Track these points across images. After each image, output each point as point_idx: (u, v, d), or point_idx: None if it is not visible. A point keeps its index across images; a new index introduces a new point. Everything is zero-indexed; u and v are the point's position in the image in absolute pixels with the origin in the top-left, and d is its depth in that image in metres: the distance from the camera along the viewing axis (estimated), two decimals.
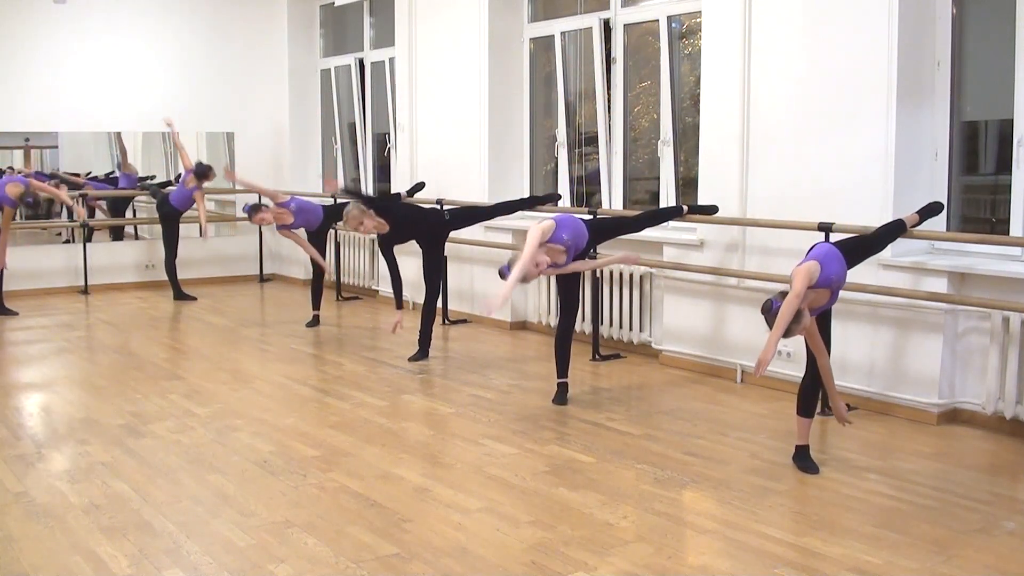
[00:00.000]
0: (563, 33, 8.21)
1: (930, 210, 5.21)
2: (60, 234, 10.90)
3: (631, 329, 7.31)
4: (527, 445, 5.07)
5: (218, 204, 12.26)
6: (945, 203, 5.55)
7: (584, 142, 8.19)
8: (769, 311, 4.41)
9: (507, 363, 7.11)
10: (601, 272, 7.23)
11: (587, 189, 8.19)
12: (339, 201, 8.69)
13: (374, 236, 7.90)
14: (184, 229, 10.16)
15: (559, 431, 5.34)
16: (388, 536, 3.86)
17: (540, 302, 8.15)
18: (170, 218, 9.94)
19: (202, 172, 9.79)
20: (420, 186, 8.83)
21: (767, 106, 6.14)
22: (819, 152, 5.84)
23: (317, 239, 8.59)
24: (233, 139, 11.56)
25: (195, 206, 9.84)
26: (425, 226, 7.10)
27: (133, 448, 5.03)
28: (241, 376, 6.73)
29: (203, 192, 9.88)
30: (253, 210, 8.17)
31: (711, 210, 6.35)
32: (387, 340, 7.98)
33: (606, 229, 6.30)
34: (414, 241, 7.26)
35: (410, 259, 8.41)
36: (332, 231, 9.24)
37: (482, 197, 8.33)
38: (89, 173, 11.04)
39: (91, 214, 10.64)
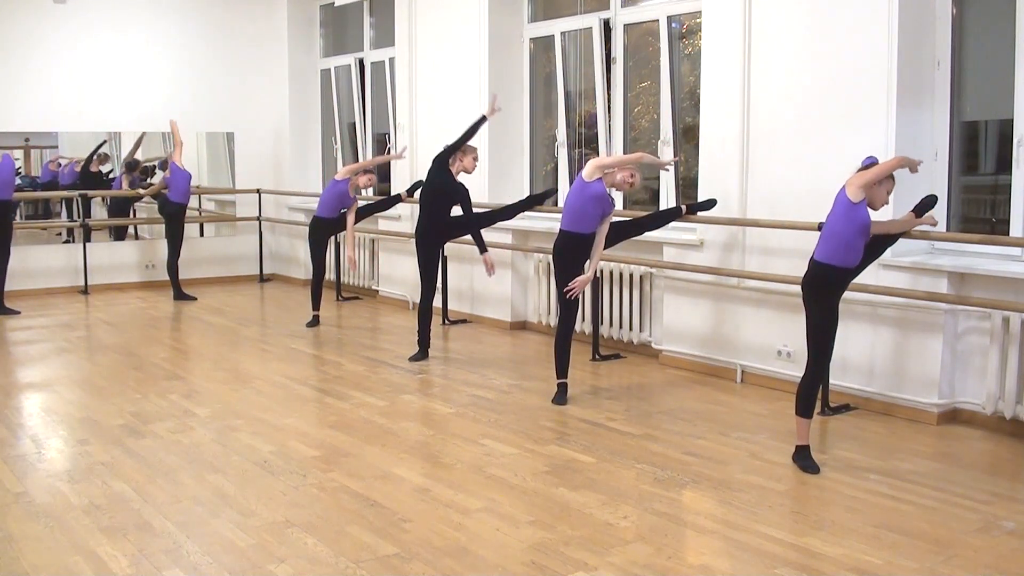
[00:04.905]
0: (563, 33, 8.21)
1: (925, 204, 5.15)
2: (60, 234, 10.91)
3: (631, 329, 7.31)
4: (527, 445, 5.07)
5: (218, 204, 12.27)
6: (945, 202, 5.56)
7: (584, 142, 8.19)
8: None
9: (507, 363, 7.11)
10: (601, 272, 7.23)
11: None
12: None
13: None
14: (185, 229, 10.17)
15: (559, 431, 5.34)
16: (388, 536, 3.86)
17: (540, 302, 8.15)
18: (176, 216, 9.93)
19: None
20: (420, 184, 8.81)
21: (767, 106, 6.14)
22: (819, 152, 5.84)
23: (326, 234, 8.61)
24: (233, 139, 11.56)
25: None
26: (441, 209, 7.09)
27: (133, 448, 5.03)
28: (241, 376, 6.73)
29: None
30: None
31: (709, 205, 6.34)
32: (387, 340, 7.99)
33: (607, 234, 6.29)
34: (412, 241, 7.25)
35: (409, 259, 8.42)
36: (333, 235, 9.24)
37: (482, 197, 8.33)
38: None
39: (87, 213, 10.61)
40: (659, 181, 7.45)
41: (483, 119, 7.06)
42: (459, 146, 6.96)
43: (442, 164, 6.97)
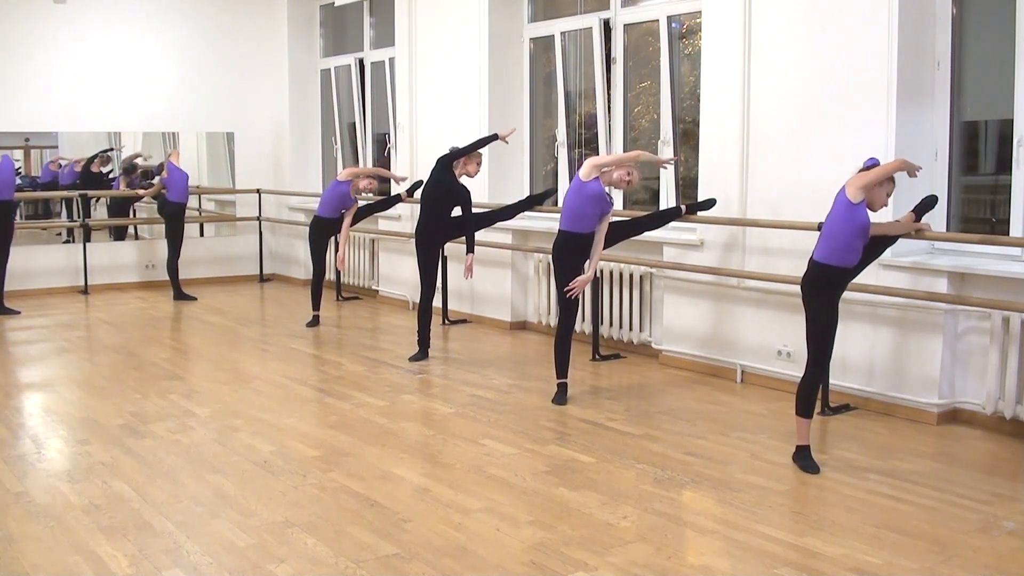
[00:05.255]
0: (563, 33, 8.21)
1: (925, 204, 5.14)
2: (60, 234, 10.91)
3: (631, 329, 7.31)
4: (527, 445, 5.07)
5: (218, 204, 12.27)
6: (945, 202, 5.56)
7: (584, 142, 8.19)
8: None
9: (507, 363, 7.11)
10: (601, 272, 7.23)
11: None
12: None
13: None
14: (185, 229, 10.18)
15: (559, 431, 5.34)
16: (388, 536, 3.86)
17: (540, 302, 8.15)
18: (175, 216, 9.92)
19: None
20: (419, 184, 8.80)
21: (767, 106, 6.14)
22: (819, 152, 5.84)
23: (326, 234, 8.62)
24: (233, 139, 11.57)
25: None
26: (442, 210, 7.09)
27: (133, 448, 5.03)
28: (241, 376, 6.73)
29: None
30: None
31: (709, 204, 6.34)
32: (387, 340, 7.99)
33: (606, 234, 6.29)
34: (412, 241, 7.25)
35: (409, 259, 8.41)
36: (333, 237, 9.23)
37: (482, 197, 8.33)
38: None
39: (87, 213, 10.61)
40: (659, 181, 7.45)
41: (495, 137, 7.11)
42: (466, 153, 6.99)
43: (446, 166, 6.98)
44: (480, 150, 7.08)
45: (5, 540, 3.82)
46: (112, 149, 11.05)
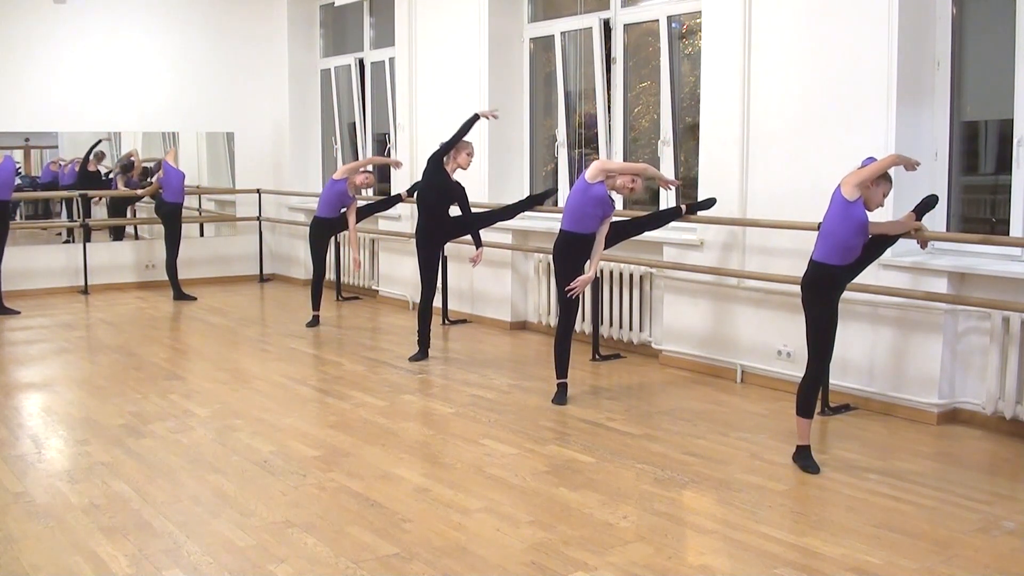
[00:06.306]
0: (563, 33, 8.21)
1: (926, 204, 5.13)
2: (60, 234, 10.91)
3: (631, 329, 7.31)
4: (527, 445, 5.07)
5: (218, 204, 12.27)
6: (945, 202, 5.56)
7: (584, 142, 8.20)
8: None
9: (507, 363, 7.11)
10: (601, 272, 7.23)
11: None
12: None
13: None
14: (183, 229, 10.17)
15: (559, 431, 5.34)
16: (388, 536, 3.86)
17: (540, 302, 8.15)
18: (172, 216, 9.92)
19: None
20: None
21: (767, 106, 6.14)
22: (819, 152, 5.84)
23: (326, 233, 8.62)
24: (233, 139, 11.57)
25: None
26: (439, 209, 7.08)
27: (133, 448, 5.03)
28: (241, 376, 6.73)
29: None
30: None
31: (708, 204, 6.34)
32: (387, 340, 7.99)
33: (607, 234, 6.29)
34: (412, 241, 7.24)
35: (409, 259, 8.42)
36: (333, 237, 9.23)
37: (482, 197, 8.33)
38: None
39: (88, 213, 10.61)
40: None
41: (476, 117, 7.05)
42: (453, 144, 6.94)
43: (437, 163, 6.97)
44: (467, 139, 7.02)
45: (5, 540, 3.82)
46: (102, 140, 10.99)
